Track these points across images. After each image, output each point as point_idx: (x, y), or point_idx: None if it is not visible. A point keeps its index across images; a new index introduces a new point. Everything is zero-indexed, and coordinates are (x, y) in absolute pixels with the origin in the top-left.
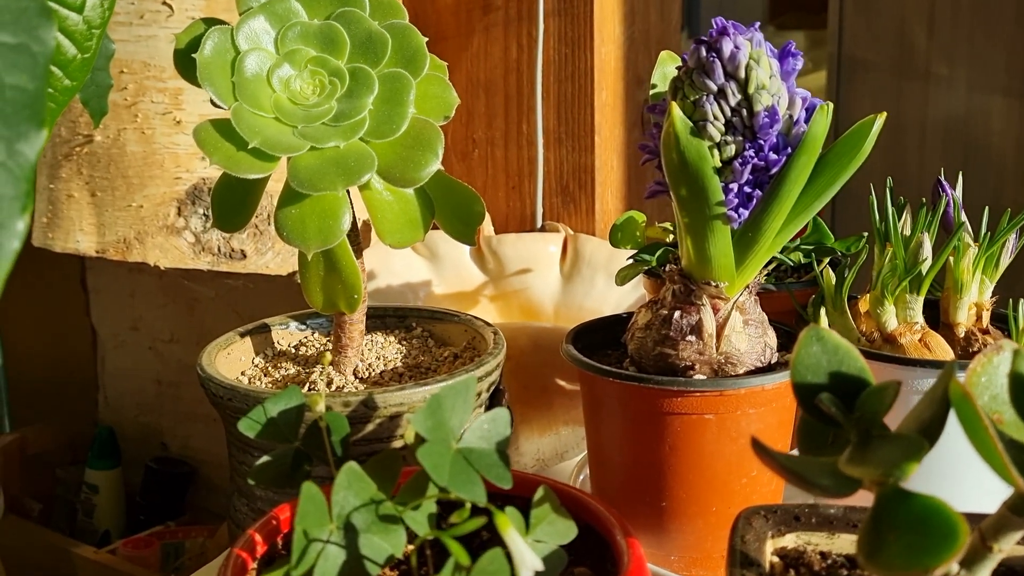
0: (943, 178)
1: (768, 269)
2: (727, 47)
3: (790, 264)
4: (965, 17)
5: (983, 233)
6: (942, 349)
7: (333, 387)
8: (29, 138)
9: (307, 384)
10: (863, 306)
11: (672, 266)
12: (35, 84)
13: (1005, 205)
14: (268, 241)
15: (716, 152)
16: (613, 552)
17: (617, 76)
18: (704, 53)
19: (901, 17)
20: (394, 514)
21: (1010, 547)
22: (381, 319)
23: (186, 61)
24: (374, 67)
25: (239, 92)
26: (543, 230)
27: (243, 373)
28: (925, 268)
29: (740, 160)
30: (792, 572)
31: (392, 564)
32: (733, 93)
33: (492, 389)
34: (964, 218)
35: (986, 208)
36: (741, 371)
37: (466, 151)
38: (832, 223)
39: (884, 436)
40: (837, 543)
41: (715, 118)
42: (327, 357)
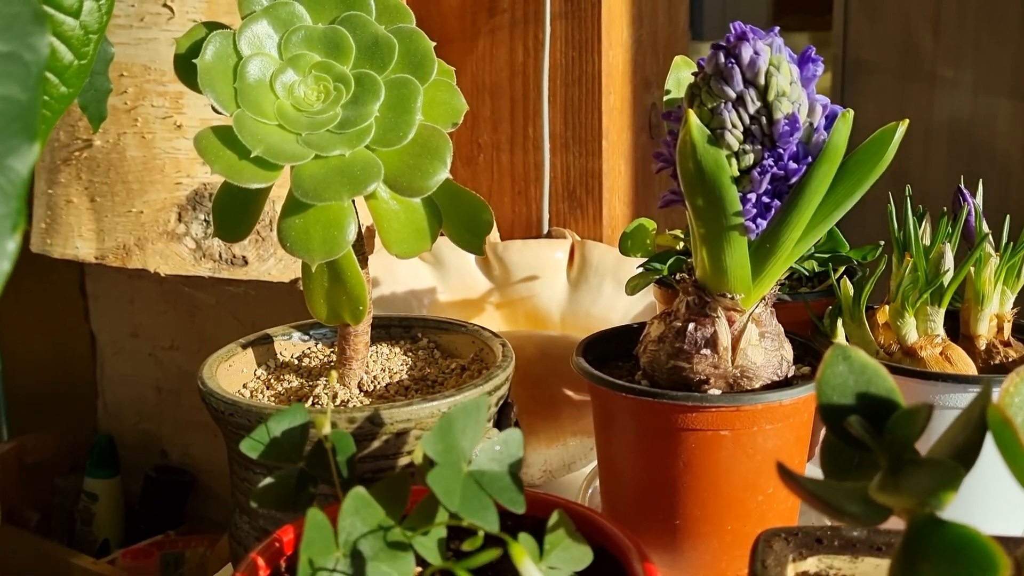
0: (963, 186)
1: (782, 278)
2: (746, 53)
3: (804, 273)
4: (971, 19)
5: (1004, 243)
6: (964, 362)
7: (338, 401)
8: (20, 153)
9: (311, 398)
10: (881, 317)
11: (685, 276)
12: (27, 95)
13: (1010, 208)
14: (270, 247)
15: (734, 161)
16: None
17: (625, 80)
18: (723, 59)
19: (906, 19)
20: (403, 541)
21: None
22: (386, 329)
23: (187, 66)
24: (380, 73)
25: (241, 99)
26: (549, 236)
27: (245, 386)
28: (947, 280)
29: (759, 169)
30: None
31: None
32: (752, 100)
33: (500, 403)
34: (986, 228)
35: (1007, 217)
36: (757, 385)
37: (471, 156)
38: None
39: (916, 461)
40: (860, 567)
41: (733, 126)
42: (333, 376)
